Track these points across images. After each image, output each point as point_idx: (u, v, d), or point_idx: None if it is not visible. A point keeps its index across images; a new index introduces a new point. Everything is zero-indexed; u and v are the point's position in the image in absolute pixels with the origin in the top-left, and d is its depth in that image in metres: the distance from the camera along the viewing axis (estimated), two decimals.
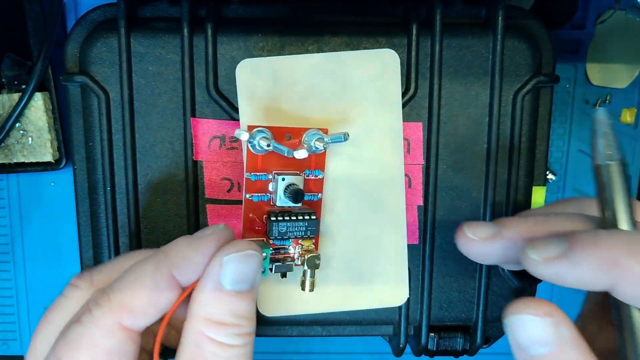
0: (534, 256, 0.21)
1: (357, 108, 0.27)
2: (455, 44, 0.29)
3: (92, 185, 0.29)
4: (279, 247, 0.27)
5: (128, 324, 0.21)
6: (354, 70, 0.26)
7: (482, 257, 0.25)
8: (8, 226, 0.39)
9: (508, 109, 0.29)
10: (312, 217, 0.26)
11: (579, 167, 0.39)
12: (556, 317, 0.20)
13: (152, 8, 0.29)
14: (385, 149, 0.27)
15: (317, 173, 0.27)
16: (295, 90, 0.26)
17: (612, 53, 0.38)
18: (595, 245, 0.20)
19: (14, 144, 0.35)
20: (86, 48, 0.28)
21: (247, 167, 0.26)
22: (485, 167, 0.30)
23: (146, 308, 0.22)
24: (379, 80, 0.26)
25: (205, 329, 0.22)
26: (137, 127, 0.29)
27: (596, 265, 0.20)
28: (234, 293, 0.22)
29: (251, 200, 0.26)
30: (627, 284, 0.20)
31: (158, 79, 0.28)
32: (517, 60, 0.29)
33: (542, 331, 0.20)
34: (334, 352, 0.42)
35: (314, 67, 0.26)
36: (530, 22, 0.30)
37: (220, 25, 0.28)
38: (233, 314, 0.22)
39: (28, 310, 0.40)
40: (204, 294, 0.22)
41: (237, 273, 0.22)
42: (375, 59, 0.26)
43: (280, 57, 0.26)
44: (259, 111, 0.26)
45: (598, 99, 0.38)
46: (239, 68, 0.26)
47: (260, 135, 0.25)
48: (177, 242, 0.23)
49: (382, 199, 0.27)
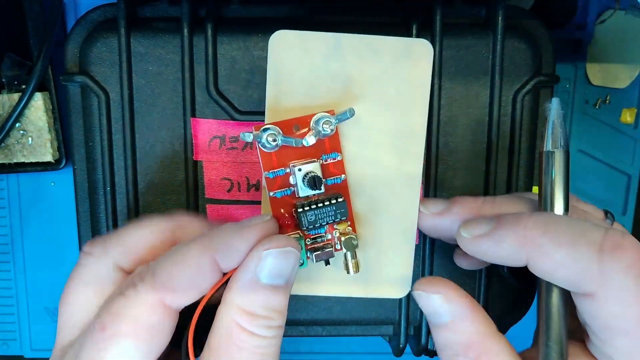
0: (464, 234, 0.24)
1: (384, 97, 0.26)
2: (455, 44, 0.29)
3: (92, 185, 0.29)
4: (315, 236, 0.27)
5: (169, 302, 0.22)
6: (386, 56, 0.26)
7: (432, 231, 0.27)
8: (8, 226, 0.39)
9: (508, 109, 0.29)
10: (339, 200, 0.26)
11: (579, 167, 0.39)
12: (447, 294, 0.24)
13: (152, 8, 0.29)
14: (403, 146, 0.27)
15: (334, 155, 0.26)
16: (325, 70, 0.26)
17: (612, 53, 0.38)
18: (516, 225, 0.23)
19: (14, 144, 0.35)
20: (86, 48, 0.28)
21: (264, 166, 0.26)
22: (485, 167, 0.30)
23: (188, 289, 0.23)
24: (409, 71, 0.26)
25: (237, 317, 0.23)
26: (137, 127, 0.29)
27: (515, 242, 0.22)
28: (269, 287, 0.23)
29: (275, 197, 0.26)
30: (540, 260, 0.22)
31: (158, 79, 0.28)
32: (517, 60, 0.29)
33: (436, 305, 0.24)
34: (334, 352, 0.42)
35: (349, 47, 0.26)
36: (530, 22, 0.30)
37: (220, 25, 0.28)
38: (266, 307, 0.23)
39: (28, 310, 0.40)
40: (240, 284, 0.23)
41: (274, 268, 0.23)
42: (410, 48, 0.26)
43: (315, 33, 0.25)
44: (285, 93, 0.26)
45: (598, 99, 0.38)
46: (272, 40, 0.25)
47: (267, 133, 0.25)
48: (223, 229, 0.24)
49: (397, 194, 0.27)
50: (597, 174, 0.39)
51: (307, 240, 0.26)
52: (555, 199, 0.24)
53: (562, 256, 0.22)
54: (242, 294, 0.23)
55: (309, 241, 0.26)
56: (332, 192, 0.26)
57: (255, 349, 0.23)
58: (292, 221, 0.26)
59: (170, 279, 0.22)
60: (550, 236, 0.22)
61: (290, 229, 0.26)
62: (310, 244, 0.26)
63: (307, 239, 0.26)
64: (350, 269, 0.27)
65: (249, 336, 0.23)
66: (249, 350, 0.23)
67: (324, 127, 0.25)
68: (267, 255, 0.23)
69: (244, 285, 0.23)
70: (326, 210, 0.26)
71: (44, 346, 0.41)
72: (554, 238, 0.22)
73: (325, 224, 0.26)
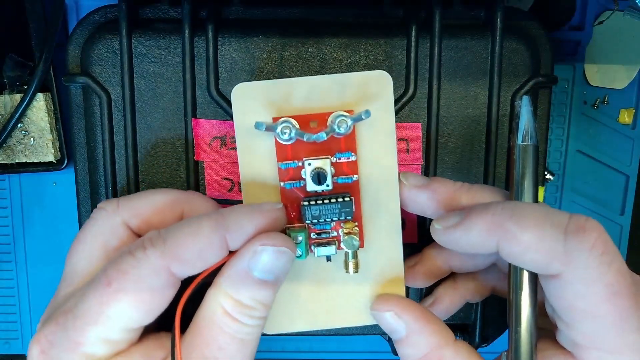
0: (437, 226, 0.25)
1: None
2: (454, 45, 0.29)
3: (94, 186, 0.30)
4: (320, 231, 0.27)
5: (175, 271, 0.23)
6: (350, 90, 0.26)
7: (409, 204, 0.27)
8: (10, 226, 0.40)
9: (507, 109, 0.29)
10: (346, 199, 0.26)
11: (578, 168, 0.39)
12: (397, 311, 0.25)
13: (153, 9, 0.30)
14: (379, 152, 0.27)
15: (349, 155, 0.26)
16: (291, 109, 0.26)
17: (610, 54, 0.38)
18: (485, 212, 0.24)
19: (16, 144, 0.36)
20: (88, 49, 0.29)
21: (278, 156, 0.26)
22: (484, 167, 0.30)
23: (195, 261, 0.23)
24: (374, 101, 0.26)
25: (224, 302, 0.24)
26: (138, 127, 0.29)
27: (484, 228, 0.23)
28: (259, 280, 0.24)
29: (284, 188, 0.26)
30: (509, 243, 0.23)
31: (159, 79, 0.29)
32: (515, 61, 0.29)
33: (390, 322, 0.26)
34: (333, 351, 0.43)
35: (312, 88, 0.26)
36: (529, 24, 0.30)
37: (221, 27, 0.28)
38: (252, 298, 0.24)
39: (30, 309, 0.40)
40: (232, 272, 0.24)
41: (267, 264, 0.24)
42: (370, 80, 0.26)
43: (276, 81, 0.26)
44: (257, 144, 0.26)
45: (596, 99, 0.38)
46: (234, 92, 0.26)
47: (283, 125, 0.25)
48: (237, 210, 0.24)
49: (379, 200, 0.27)
50: (595, 174, 0.40)
51: (312, 234, 0.27)
52: (525, 190, 0.25)
53: (529, 238, 0.22)
54: (232, 282, 0.24)
55: (313, 235, 0.27)
56: (341, 190, 0.27)
57: (236, 334, 0.24)
58: (297, 214, 0.27)
59: (180, 249, 0.23)
60: (517, 219, 0.23)
61: (296, 220, 0.27)
62: (314, 238, 0.27)
63: (311, 233, 0.27)
64: (350, 268, 0.27)
65: (232, 321, 0.24)
66: (230, 334, 0.24)
67: (339, 126, 0.25)
68: (263, 251, 0.23)
69: (236, 274, 0.24)
70: (331, 207, 0.26)
71: None
72: (521, 221, 0.23)
73: (330, 220, 0.26)
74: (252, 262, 0.23)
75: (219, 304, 0.24)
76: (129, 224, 0.26)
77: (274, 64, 0.29)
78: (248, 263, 0.23)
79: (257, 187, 0.26)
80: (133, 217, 0.26)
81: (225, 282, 0.24)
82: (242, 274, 0.24)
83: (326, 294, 0.28)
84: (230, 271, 0.24)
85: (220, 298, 0.24)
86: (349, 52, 0.29)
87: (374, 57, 0.29)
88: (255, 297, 0.24)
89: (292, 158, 0.26)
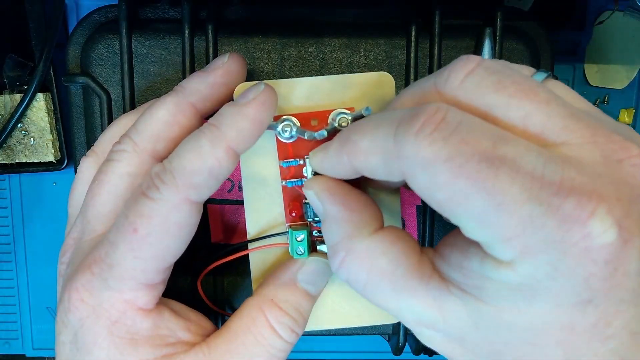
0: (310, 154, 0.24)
1: None
2: (454, 45, 0.29)
3: None
4: None
5: (194, 198, 0.23)
6: (352, 91, 0.26)
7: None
8: (10, 226, 0.40)
9: None
10: None
11: None
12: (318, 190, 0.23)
13: (153, 9, 0.30)
14: None
15: None
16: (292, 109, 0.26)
17: (610, 54, 0.38)
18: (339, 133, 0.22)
19: (15, 144, 0.36)
20: (88, 49, 0.29)
21: (279, 155, 0.26)
22: None
23: (209, 182, 0.23)
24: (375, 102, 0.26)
25: (267, 309, 0.24)
26: None
27: (336, 147, 0.22)
28: (303, 290, 0.25)
29: (286, 187, 0.26)
30: (354, 156, 0.21)
31: (159, 80, 0.29)
32: (515, 61, 0.29)
33: (314, 201, 0.23)
34: (333, 350, 0.43)
35: (313, 88, 0.26)
36: (529, 24, 0.30)
37: (221, 27, 0.28)
38: (296, 308, 0.25)
39: (30, 309, 0.41)
40: (279, 282, 0.25)
41: (312, 274, 0.25)
42: (371, 81, 0.26)
43: (276, 82, 0.26)
44: None
45: (596, 99, 0.39)
46: (234, 93, 0.26)
47: (283, 124, 0.25)
48: (223, 113, 0.23)
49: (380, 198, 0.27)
50: None
51: (314, 232, 0.27)
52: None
53: (366, 143, 0.20)
54: (278, 289, 0.25)
55: (315, 233, 0.27)
56: None
57: (270, 348, 0.24)
58: (299, 212, 0.27)
59: (191, 177, 0.22)
60: (357, 128, 0.21)
61: (298, 218, 0.27)
62: (316, 235, 0.27)
63: (313, 231, 0.27)
64: None
65: (271, 333, 0.24)
66: (263, 347, 0.24)
67: (340, 123, 0.25)
68: (311, 261, 0.25)
69: (283, 283, 0.25)
70: None
71: (46, 345, 0.41)
72: (360, 129, 0.21)
73: None
74: (299, 272, 0.25)
75: (260, 310, 0.24)
76: (153, 155, 0.25)
77: (274, 64, 0.29)
78: (296, 273, 0.25)
79: (258, 186, 0.27)
80: (156, 144, 0.25)
81: (270, 290, 0.25)
82: (289, 283, 0.25)
83: (329, 294, 0.28)
84: (277, 281, 0.25)
85: (263, 305, 0.24)
86: (349, 52, 0.29)
87: (374, 57, 0.29)
88: (300, 306, 0.25)
89: (294, 156, 0.26)
